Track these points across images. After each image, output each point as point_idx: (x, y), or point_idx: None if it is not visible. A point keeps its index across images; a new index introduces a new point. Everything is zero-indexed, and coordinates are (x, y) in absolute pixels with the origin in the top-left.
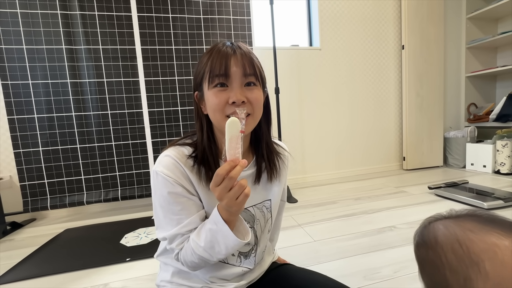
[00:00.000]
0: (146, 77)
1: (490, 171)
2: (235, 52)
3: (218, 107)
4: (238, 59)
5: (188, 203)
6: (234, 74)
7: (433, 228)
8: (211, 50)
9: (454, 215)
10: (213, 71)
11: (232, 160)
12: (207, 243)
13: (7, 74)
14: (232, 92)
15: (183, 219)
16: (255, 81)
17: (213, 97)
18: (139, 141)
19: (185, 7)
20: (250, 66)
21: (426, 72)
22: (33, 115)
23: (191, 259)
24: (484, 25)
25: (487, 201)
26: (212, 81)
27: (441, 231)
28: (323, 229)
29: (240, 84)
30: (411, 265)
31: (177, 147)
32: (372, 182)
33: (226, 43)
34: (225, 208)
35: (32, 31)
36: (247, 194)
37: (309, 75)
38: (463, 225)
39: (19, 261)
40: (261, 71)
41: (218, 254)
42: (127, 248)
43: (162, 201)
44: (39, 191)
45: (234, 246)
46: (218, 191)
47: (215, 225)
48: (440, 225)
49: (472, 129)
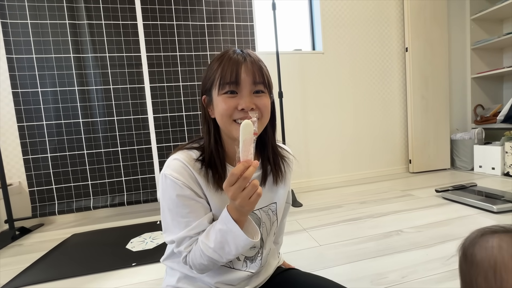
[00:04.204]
0: (151, 84)
1: (499, 173)
2: (245, 60)
3: (226, 112)
4: (248, 67)
5: (196, 206)
6: (244, 82)
7: (479, 242)
8: (222, 57)
9: (506, 231)
10: (224, 78)
11: (246, 160)
12: (217, 243)
13: (18, 83)
14: (241, 99)
15: (192, 222)
16: (264, 89)
17: (223, 103)
18: (144, 147)
19: (189, 15)
20: (260, 74)
21: (431, 74)
22: (42, 122)
23: (200, 261)
24: (489, 26)
25: (497, 204)
26: (222, 87)
27: (482, 250)
28: (328, 233)
29: (249, 91)
30: (420, 270)
31: (185, 151)
32: (378, 185)
33: (237, 51)
34: (236, 208)
35: (42, 40)
36: (259, 193)
37: (312, 79)
38: (507, 247)
39: (28, 266)
40: (269, 78)
41: (228, 254)
42: (133, 253)
43: (170, 203)
44: (47, 196)
45: (245, 246)
46: (232, 190)
47: (225, 225)
48: (485, 242)
49: (479, 131)
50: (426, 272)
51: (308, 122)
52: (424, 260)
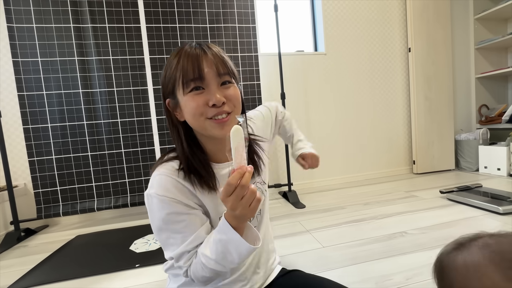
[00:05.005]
0: (155, 86)
1: (505, 174)
2: (205, 52)
3: (197, 110)
4: (209, 59)
5: (190, 219)
6: (208, 76)
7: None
8: (179, 54)
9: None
10: (186, 75)
11: (240, 167)
12: (219, 254)
13: (23, 86)
14: (210, 94)
15: (188, 236)
16: (230, 79)
17: (191, 101)
18: (147, 148)
19: (191, 17)
20: (223, 65)
21: (434, 74)
22: (47, 125)
23: (202, 274)
24: (493, 25)
25: (503, 206)
26: (187, 85)
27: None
28: (332, 235)
29: (216, 84)
30: (424, 272)
31: (164, 165)
32: (382, 186)
33: (193, 45)
34: (235, 217)
35: (47, 44)
36: (259, 199)
37: (314, 80)
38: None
39: (32, 267)
40: (233, 67)
41: (231, 263)
42: (137, 254)
43: (161, 224)
44: (52, 198)
45: (247, 254)
46: (231, 201)
47: (225, 235)
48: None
49: (484, 131)
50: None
51: (310, 123)
52: (428, 262)
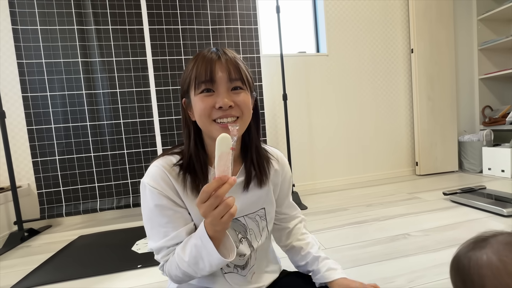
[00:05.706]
0: (157, 87)
1: (509, 176)
2: (220, 57)
3: (204, 112)
4: (223, 65)
5: (174, 216)
6: (219, 79)
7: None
8: (196, 57)
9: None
10: (198, 77)
11: (221, 177)
12: (192, 258)
13: (28, 87)
14: (218, 97)
15: (169, 232)
16: (242, 85)
17: (200, 102)
18: (150, 149)
19: (194, 19)
20: (236, 71)
21: (437, 75)
22: (51, 126)
23: (176, 273)
24: (497, 26)
25: (507, 208)
26: (198, 87)
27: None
28: (334, 236)
29: (226, 89)
30: (427, 275)
31: (165, 157)
32: (384, 188)
33: (211, 49)
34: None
35: (51, 46)
36: (232, 213)
37: (317, 81)
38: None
39: (35, 267)
40: (248, 75)
41: (202, 271)
42: (139, 255)
43: (149, 213)
44: (55, 198)
45: (218, 265)
46: (203, 208)
47: (200, 241)
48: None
49: (488, 133)
50: (434, 277)
51: (313, 124)
52: (431, 264)
